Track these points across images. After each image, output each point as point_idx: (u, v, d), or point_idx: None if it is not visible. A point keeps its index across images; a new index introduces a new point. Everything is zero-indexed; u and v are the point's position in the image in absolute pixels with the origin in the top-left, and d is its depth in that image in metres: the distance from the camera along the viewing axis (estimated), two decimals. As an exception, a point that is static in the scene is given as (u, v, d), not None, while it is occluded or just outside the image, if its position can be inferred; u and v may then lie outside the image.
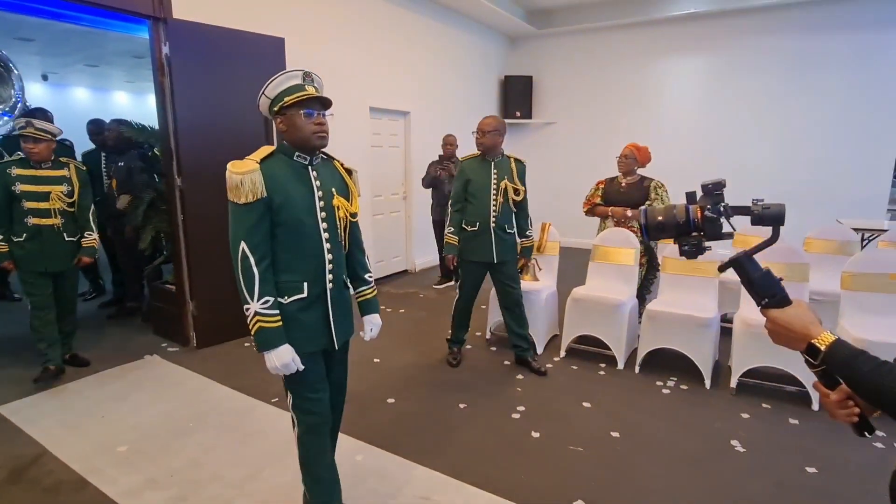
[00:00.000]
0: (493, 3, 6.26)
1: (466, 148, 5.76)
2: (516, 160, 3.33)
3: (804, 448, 2.54)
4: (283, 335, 1.61)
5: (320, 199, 1.68)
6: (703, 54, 6.69)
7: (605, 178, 4.00)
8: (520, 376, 3.36)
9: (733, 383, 3.10)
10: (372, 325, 1.93)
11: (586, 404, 2.98)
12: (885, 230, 4.36)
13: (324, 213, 1.68)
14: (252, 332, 1.59)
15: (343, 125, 4.94)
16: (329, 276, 1.71)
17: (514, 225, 3.37)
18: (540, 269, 3.92)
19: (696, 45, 6.69)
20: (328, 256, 1.70)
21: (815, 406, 2.91)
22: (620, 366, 3.48)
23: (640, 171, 3.86)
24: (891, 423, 2.67)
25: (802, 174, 6.26)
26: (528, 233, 3.44)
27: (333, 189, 1.72)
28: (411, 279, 5.93)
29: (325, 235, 1.69)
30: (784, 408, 2.93)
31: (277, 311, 1.60)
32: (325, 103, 1.66)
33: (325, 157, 1.78)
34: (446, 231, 3.34)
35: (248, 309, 1.57)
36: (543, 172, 7.93)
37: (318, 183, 1.68)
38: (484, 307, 4.19)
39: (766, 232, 1.05)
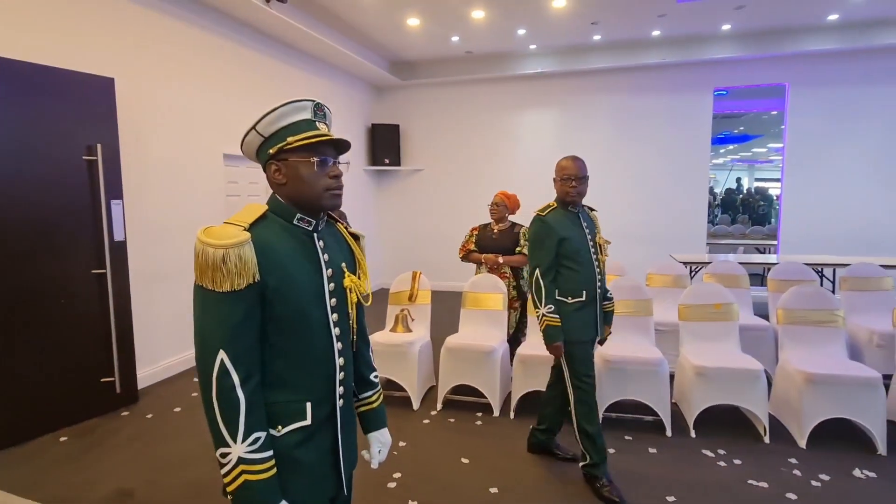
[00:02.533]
0: (356, 53, 6.30)
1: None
2: (590, 208, 2.77)
3: (663, 477, 2.69)
4: (278, 488, 1.08)
5: (329, 279, 1.19)
6: (552, 108, 7.38)
7: (479, 224, 4.12)
8: (398, 440, 3.16)
9: (599, 419, 3.23)
10: (381, 444, 1.39)
11: (465, 460, 2.88)
12: (708, 262, 5.03)
13: (333, 300, 1.20)
14: (229, 490, 1.06)
15: (193, 173, 4.49)
16: (339, 389, 1.21)
17: None
18: (412, 320, 3.82)
19: (546, 99, 7.37)
20: (339, 361, 1.21)
21: (669, 433, 3.12)
22: (496, 413, 3.46)
23: (511, 218, 4.05)
24: (731, 441, 2.93)
25: (640, 214, 7.09)
26: (609, 294, 2.75)
27: (343, 264, 1.25)
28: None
29: (335, 331, 1.20)
30: (644, 438, 3.10)
31: (271, 453, 1.09)
32: (340, 148, 1.21)
33: (328, 219, 1.29)
34: (544, 311, 2.49)
35: (226, 455, 1.04)
36: (413, 218, 8.02)
37: (325, 257, 1.20)
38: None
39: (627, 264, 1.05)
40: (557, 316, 2.50)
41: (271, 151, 1.15)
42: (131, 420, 3.40)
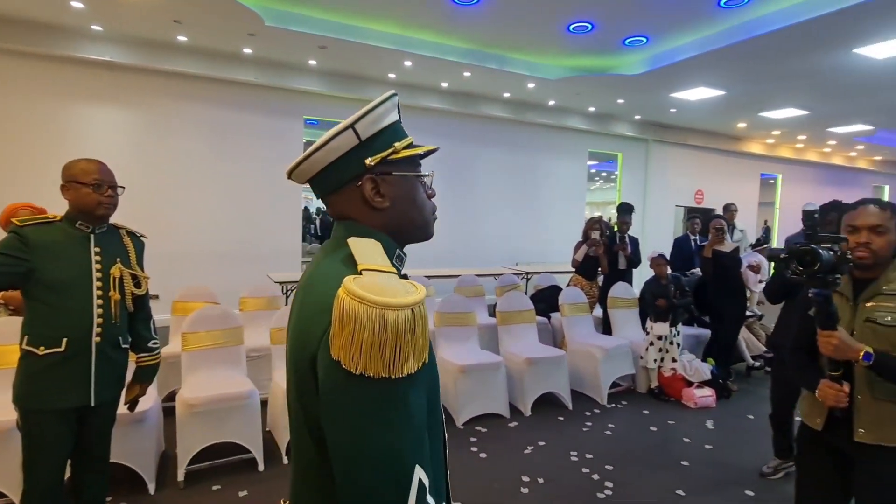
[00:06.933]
0: None
1: None
2: (131, 233, 2.11)
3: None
4: None
5: None
6: (131, 108, 6.22)
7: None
8: None
9: (181, 476, 2.79)
10: None
11: None
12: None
13: None
14: None
15: None
16: None
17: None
18: None
19: (122, 96, 6.14)
20: None
21: (262, 467, 2.99)
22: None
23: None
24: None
25: (237, 233, 6.83)
26: (151, 343, 2.15)
27: None
28: None
29: None
30: (234, 482, 2.85)
31: None
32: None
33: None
34: None
35: None
36: None
37: None
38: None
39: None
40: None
41: (370, 162, 0.82)
42: None
